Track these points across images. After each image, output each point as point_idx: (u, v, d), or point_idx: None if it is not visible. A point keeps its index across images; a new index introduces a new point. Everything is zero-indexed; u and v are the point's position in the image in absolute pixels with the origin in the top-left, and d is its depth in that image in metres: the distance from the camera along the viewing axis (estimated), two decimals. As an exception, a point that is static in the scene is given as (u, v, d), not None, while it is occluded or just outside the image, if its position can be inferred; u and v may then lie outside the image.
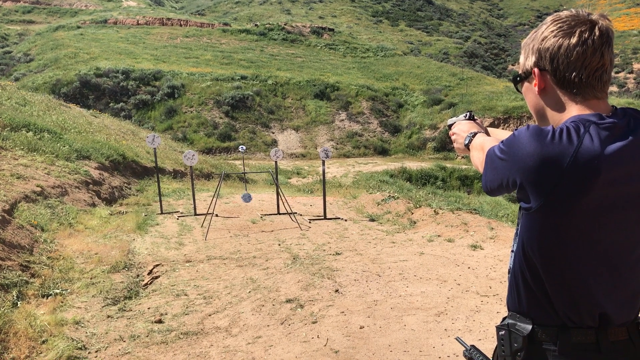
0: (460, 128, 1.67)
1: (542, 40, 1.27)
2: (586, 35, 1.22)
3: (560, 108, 1.29)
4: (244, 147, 10.27)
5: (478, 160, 1.48)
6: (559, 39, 1.24)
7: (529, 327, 1.29)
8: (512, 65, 79.02)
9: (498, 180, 1.27)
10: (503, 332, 1.35)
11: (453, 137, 1.71)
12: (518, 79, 1.38)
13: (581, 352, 1.25)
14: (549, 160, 1.16)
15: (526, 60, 1.33)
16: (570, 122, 1.22)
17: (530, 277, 1.29)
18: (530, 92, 1.36)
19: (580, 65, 1.23)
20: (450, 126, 1.76)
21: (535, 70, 1.30)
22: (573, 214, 1.20)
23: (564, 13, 1.27)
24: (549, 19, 1.30)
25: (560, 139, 1.17)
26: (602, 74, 1.25)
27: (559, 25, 1.25)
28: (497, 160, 1.27)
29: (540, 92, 1.32)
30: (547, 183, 1.17)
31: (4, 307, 4.25)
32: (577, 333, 1.26)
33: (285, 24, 63.15)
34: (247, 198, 9.30)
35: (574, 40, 1.22)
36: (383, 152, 34.78)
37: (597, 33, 1.22)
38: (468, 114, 1.72)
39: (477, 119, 1.72)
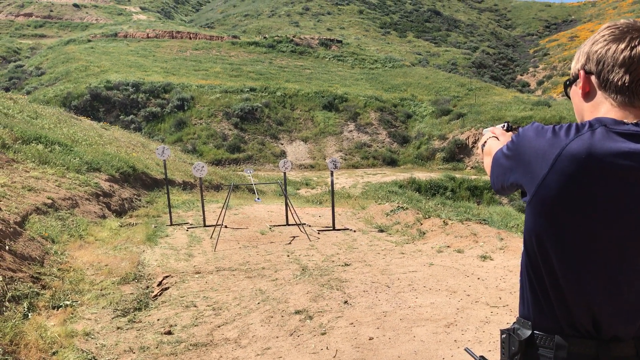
0: (487, 135, 1.68)
1: (593, 43, 1.27)
2: (636, 42, 1.20)
3: (595, 110, 1.27)
4: (251, 170, 10.97)
5: (487, 164, 1.51)
6: (608, 42, 1.23)
7: (529, 332, 1.28)
8: (521, 75, 78.91)
9: (502, 175, 1.32)
10: (504, 336, 1.35)
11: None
12: (568, 83, 1.37)
13: None
14: (540, 151, 1.18)
15: (576, 64, 1.32)
16: (586, 121, 1.20)
17: (533, 274, 1.27)
18: (576, 95, 1.34)
19: (625, 70, 1.20)
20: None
21: (581, 72, 1.29)
22: (563, 209, 1.17)
23: (621, 21, 1.26)
24: (605, 25, 1.29)
25: (559, 132, 1.18)
26: None
27: (611, 30, 1.24)
28: (502, 157, 1.31)
29: (584, 96, 1.30)
30: (537, 173, 1.19)
31: (15, 318, 4.28)
32: (576, 342, 1.21)
33: (293, 36, 63.63)
34: (257, 200, 10.62)
35: (622, 45, 1.21)
36: (392, 162, 34.79)
37: None
38: (506, 124, 1.72)
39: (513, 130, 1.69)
